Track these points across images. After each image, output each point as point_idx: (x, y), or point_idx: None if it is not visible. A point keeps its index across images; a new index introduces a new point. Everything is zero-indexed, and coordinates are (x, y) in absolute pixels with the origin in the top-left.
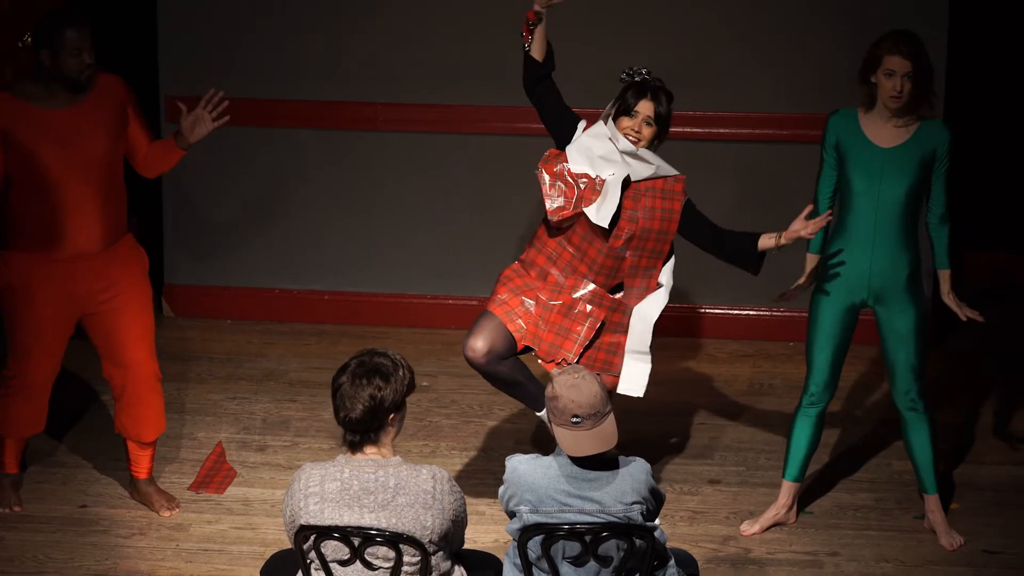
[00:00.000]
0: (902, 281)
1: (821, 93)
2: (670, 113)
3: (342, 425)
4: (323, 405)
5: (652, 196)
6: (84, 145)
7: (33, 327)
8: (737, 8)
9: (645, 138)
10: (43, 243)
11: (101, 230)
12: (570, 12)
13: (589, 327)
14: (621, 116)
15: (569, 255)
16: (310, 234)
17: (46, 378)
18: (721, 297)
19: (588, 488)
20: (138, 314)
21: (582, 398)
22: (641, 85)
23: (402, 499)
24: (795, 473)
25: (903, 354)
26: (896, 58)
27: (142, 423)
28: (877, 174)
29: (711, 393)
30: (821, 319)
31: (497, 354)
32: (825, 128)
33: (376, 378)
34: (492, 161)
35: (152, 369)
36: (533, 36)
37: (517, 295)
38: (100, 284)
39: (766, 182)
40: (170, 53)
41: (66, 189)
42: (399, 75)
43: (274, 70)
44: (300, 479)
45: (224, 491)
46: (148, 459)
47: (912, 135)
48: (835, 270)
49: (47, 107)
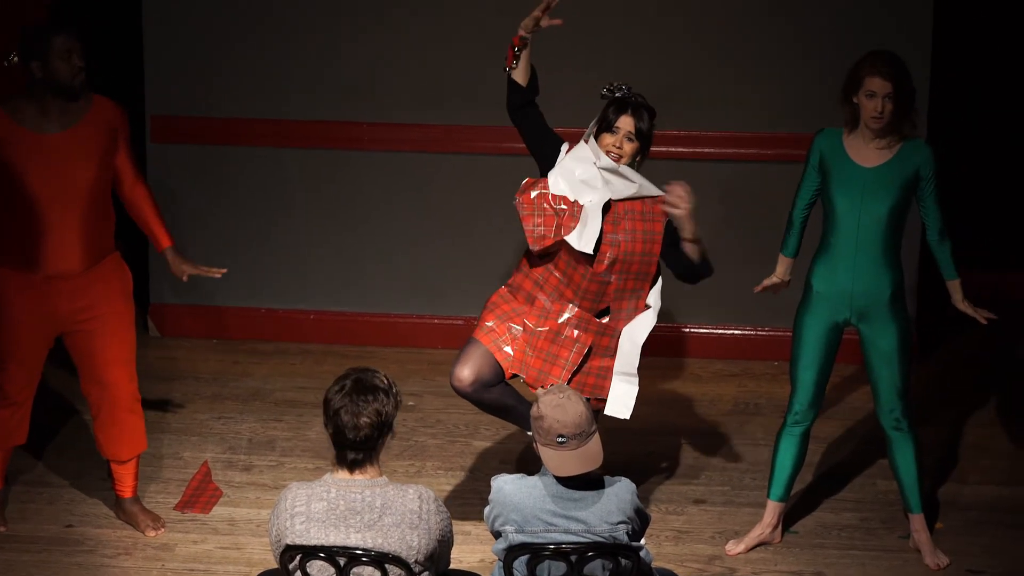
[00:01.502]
0: (885, 300)
1: (805, 113)
2: (652, 128)
3: (344, 445)
4: (309, 425)
5: (632, 219)
6: (72, 173)
7: (10, 339)
8: (721, 29)
9: (627, 154)
10: (23, 262)
11: (82, 252)
12: (555, 33)
13: (576, 352)
14: (603, 133)
15: (556, 280)
16: (296, 254)
17: (23, 388)
18: (706, 317)
19: (573, 508)
20: (117, 334)
21: (567, 418)
22: (622, 101)
23: (388, 519)
24: (780, 493)
25: (887, 373)
26: (877, 79)
27: (117, 443)
28: (859, 194)
29: (696, 413)
30: (805, 338)
31: (484, 382)
32: (810, 146)
33: (379, 394)
34: (478, 181)
35: (130, 390)
36: (518, 60)
37: (504, 322)
38: (79, 303)
39: (750, 202)
40: (156, 72)
41: (49, 212)
42: (385, 95)
43: (259, 90)
44: (286, 499)
45: (210, 511)
46: (131, 478)
47: (895, 155)
48: (818, 289)
49: (39, 131)
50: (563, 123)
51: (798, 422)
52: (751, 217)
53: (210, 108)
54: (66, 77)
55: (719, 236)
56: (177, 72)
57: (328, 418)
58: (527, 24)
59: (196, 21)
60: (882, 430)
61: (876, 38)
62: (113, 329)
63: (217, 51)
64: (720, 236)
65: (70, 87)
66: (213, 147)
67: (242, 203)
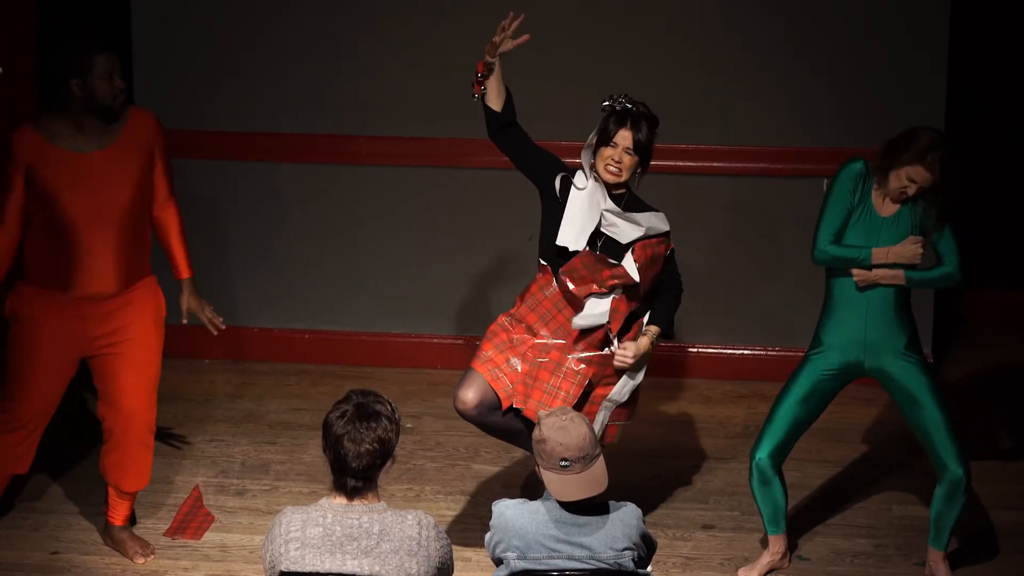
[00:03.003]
0: (901, 347)
1: (814, 127)
2: (652, 140)
3: (345, 473)
4: (304, 447)
5: (643, 247)
6: (109, 193)
7: (33, 360)
8: (729, 42)
9: (627, 167)
10: (56, 281)
11: (116, 274)
12: (563, 48)
13: (578, 385)
14: (602, 146)
15: (563, 319)
16: (290, 271)
17: (36, 416)
18: (715, 336)
19: (577, 534)
20: (140, 362)
21: (570, 440)
22: (622, 113)
23: (386, 545)
24: (775, 528)
25: (929, 415)
26: (920, 169)
27: (124, 473)
28: (875, 240)
29: (704, 435)
30: (801, 378)
31: (488, 405)
32: (841, 170)
33: (382, 421)
34: (477, 195)
35: (145, 420)
36: (485, 88)
37: (503, 352)
38: (108, 327)
39: (759, 217)
40: (146, 84)
41: (85, 233)
42: (382, 107)
43: (253, 103)
44: (281, 524)
45: (201, 537)
46: (127, 508)
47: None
48: (829, 342)
49: (75, 150)
50: (571, 137)
51: (764, 469)
52: (759, 233)
53: (202, 121)
54: (107, 98)
55: (726, 252)
56: (168, 84)
57: (328, 444)
58: (490, 49)
59: (187, 32)
60: (940, 479)
61: (889, 49)
62: (137, 356)
63: (209, 63)
64: (728, 252)
65: (110, 108)
66: (205, 162)
67: (235, 219)
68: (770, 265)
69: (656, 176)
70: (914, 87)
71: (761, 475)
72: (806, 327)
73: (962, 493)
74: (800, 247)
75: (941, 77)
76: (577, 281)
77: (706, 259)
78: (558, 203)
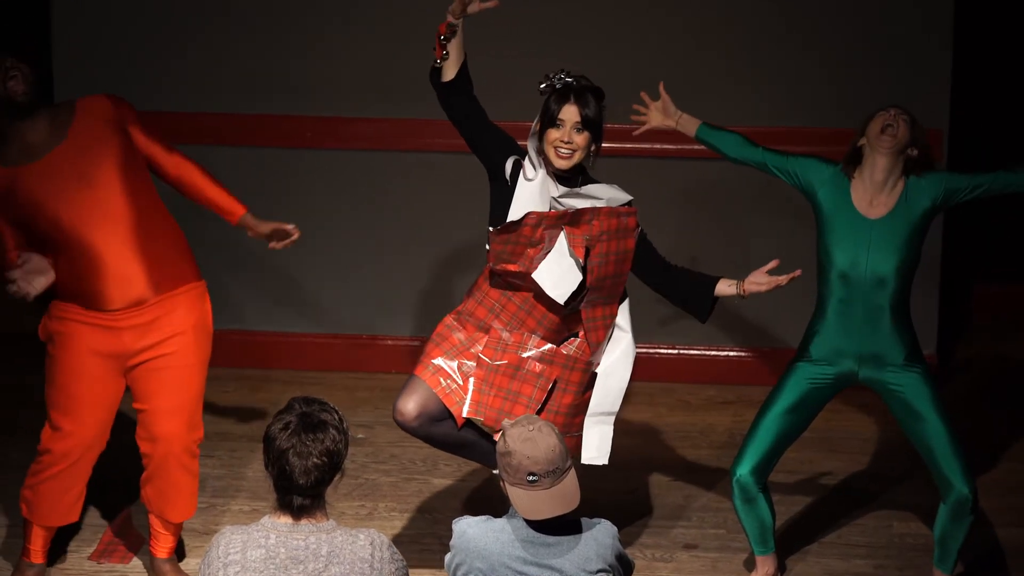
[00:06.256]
0: (900, 360)
1: (810, 108)
2: (601, 112)
3: (290, 490)
4: (243, 461)
5: (608, 240)
6: (92, 188)
7: (75, 377)
8: (722, 19)
9: (580, 147)
10: (82, 297)
11: (141, 274)
12: (541, 25)
13: (540, 388)
14: (548, 129)
15: (515, 307)
16: (226, 265)
17: (84, 451)
18: (696, 336)
19: (547, 555)
20: (178, 380)
21: (539, 453)
22: (563, 90)
23: (336, 569)
24: (762, 548)
25: (932, 430)
26: (890, 110)
27: (167, 502)
28: (865, 243)
29: (686, 445)
30: (788, 387)
31: (431, 415)
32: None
33: (328, 431)
34: (433, 183)
35: (184, 444)
36: (447, 51)
37: (453, 358)
38: (145, 341)
39: (751, 204)
40: (63, 59)
41: (88, 239)
42: (329, 86)
43: (181, 81)
44: (219, 545)
45: (130, 561)
46: (171, 539)
47: (898, 199)
48: (817, 356)
49: (28, 161)
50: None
51: (747, 487)
52: (749, 221)
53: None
54: (11, 93)
55: (712, 242)
56: (88, 61)
57: (271, 460)
58: (454, 9)
59: (109, 10)
60: (944, 498)
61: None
62: (175, 373)
63: (133, 37)
64: (714, 242)
65: (13, 106)
66: None
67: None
68: (761, 257)
69: (635, 159)
70: (919, 67)
71: (744, 492)
72: (799, 326)
73: (969, 512)
74: (796, 238)
75: (947, 52)
76: (509, 256)
77: (691, 248)
78: (507, 187)
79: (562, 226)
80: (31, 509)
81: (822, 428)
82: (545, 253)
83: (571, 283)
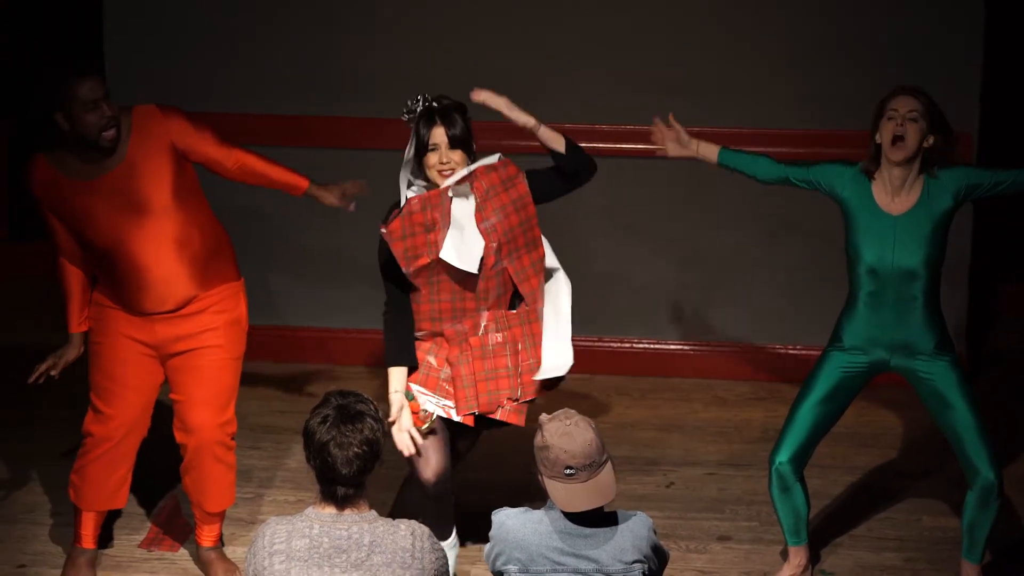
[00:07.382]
0: (930, 348)
1: (837, 110)
2: (468, 127)
3: (334, 481)
4: (288, 452)
5: (496, 193)
6: (138, 207)
7: (112, 364)
8: (754, 22)
9: (458, 162)
10: (120, 301)
11: (184, 287)
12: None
13: (512, 355)
14: (425, 155)
15: (448, 302)
16: (270, 265)
17: (125, 433)
18: (731, 333)
19: (584, 546)
20: (211, 373)
21: (575, 447)
22: (427, 114)
23: (378, 558)
24: (795, 539)
25: (961, 417)
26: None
27: (203, 492)
28: (890, 240)
29: (720, 440)
30: (821, 377)
31: (447, 471)
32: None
33: (367, 420)
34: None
35: (217, 436)
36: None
37: (427, 374)
38: (180, 331)
39: (783, 203)
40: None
41: (134, 257)
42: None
43: (230, 80)
44: (265, 535)
45: (179, 549)
46: (213, 528)
47: (920, 196)
48: (849, 344)
49: (86, 178)
50: (578, 119)
51: (784, 475)
52: (780, 220)
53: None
54: (93, 129)
55: (746, 241)
56: (139, 62)
57: (313, 453)
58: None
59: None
60: (971, 485)
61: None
62: (208, 366)
63: (183, 42)
64: (748, 241)
65: (96, 144)
66: None
67: None
68: (792, 257)
69: (662, 160)
70: (950, 69)
71: (781, 481)
72: (832, 324)
73: (995, 498)
74: (825, 239)
75: (977, 53)
76: (414, 250)
77: (723, 248)
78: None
79: (448, 199)
80: (78, 494)
81: (852, 424)
82: (444, 230)
83: (475, 249)
